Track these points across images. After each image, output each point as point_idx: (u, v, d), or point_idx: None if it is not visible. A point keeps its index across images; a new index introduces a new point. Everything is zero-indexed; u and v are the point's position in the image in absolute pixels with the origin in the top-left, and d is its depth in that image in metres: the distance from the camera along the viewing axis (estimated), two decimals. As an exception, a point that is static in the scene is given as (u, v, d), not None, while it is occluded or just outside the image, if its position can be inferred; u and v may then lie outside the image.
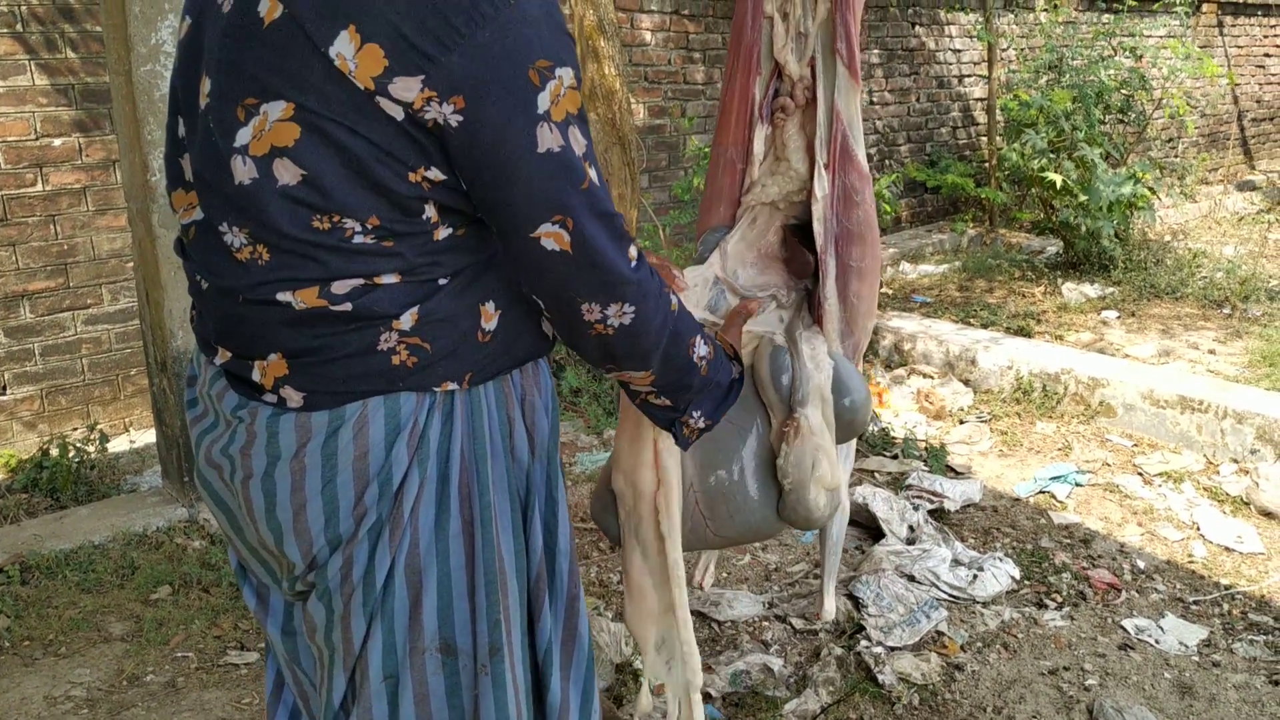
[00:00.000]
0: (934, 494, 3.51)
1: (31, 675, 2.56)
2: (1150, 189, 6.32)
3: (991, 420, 4.39)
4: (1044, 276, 6.44)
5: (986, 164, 7.95)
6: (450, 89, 1.07)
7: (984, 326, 5.32)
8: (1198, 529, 3.40)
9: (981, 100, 8.49)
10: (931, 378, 4.76)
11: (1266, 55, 11.60)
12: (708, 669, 2.59)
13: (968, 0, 7.84)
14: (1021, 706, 2.49)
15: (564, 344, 1.32)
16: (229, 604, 2.86)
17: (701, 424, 1.48)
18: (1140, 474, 3.83)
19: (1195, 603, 2.97)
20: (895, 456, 3.95)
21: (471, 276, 1.23)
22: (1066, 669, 2.63)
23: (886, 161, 7.89)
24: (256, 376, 1.23)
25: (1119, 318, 5.61)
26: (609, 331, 1.24)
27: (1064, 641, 2.75)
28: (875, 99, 7.71)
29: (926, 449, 3.97)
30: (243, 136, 1.13)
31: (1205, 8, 10.43)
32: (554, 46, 1.11)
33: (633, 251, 1.23)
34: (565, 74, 1.12)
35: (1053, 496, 3.65)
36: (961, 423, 4.38)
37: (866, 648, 2.64)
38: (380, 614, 1.25)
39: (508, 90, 1.08)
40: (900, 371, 4.90)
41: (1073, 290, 6.05)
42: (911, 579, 2.96)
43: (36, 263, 4.08)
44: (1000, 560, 3.09)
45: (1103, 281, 6.24)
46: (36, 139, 4.00)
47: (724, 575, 3.08)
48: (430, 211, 1.16)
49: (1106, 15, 8.72)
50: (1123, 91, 6.99)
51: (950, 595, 2.93)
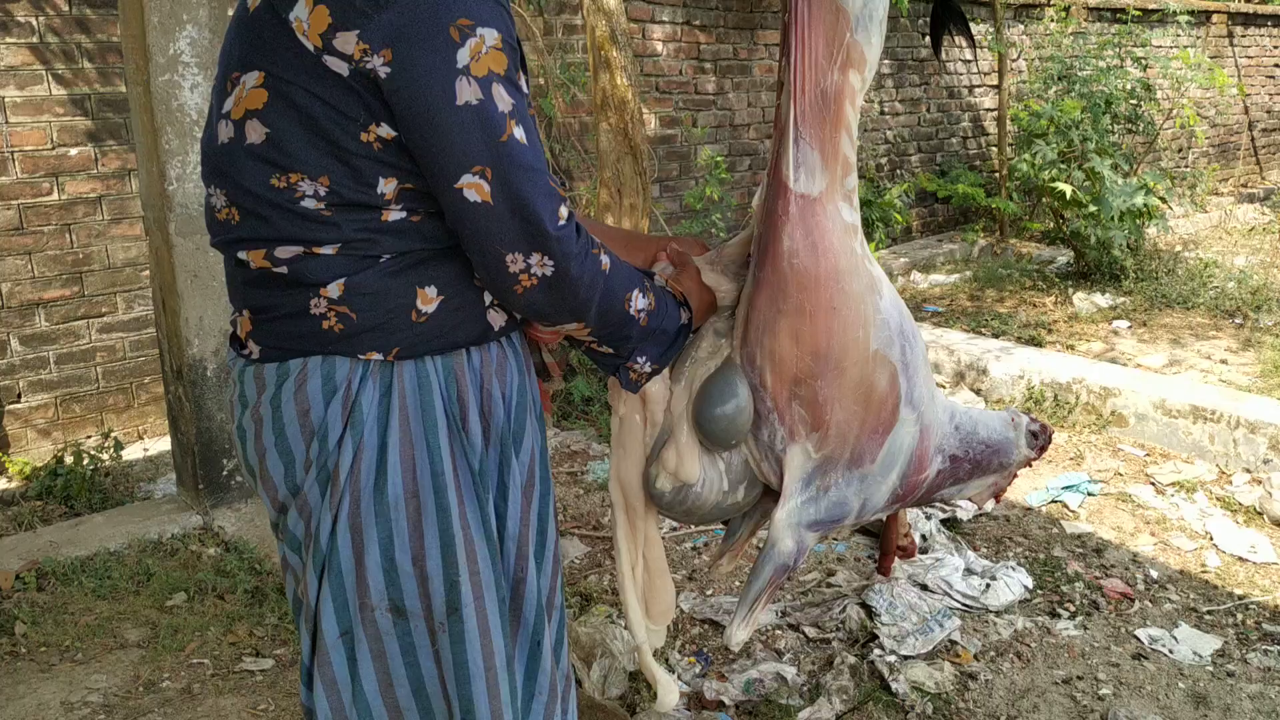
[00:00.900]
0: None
1: (48, 681, 2.57)
2: (1162, 199, 6.31)
3: (1003, 430, 4.38)
4: (1055, 286, 6.43)
5: (997, 174, 7.96)
6: (381, 42, 1.19)
7: (995, 336, 5.32)
8: (1211, 539, 3.39)
9: (992, 110, 8.50)
10: (943, 387, 4.76)
11: (1277, 66, 11.60)
12: (721, 677, 2.60)
13: (978, 11, 7.85)
14: (1035, 716, 2.48)
15: (496, 299, 1.38)
16: (244, 610, 2.87)
17: (648, 368, 1.56)
18: (1153, 484, 3.82)
19: (1209, 613, 2.96)
20: (907, 466, 3.94)
21: (416, 260, 1.31)
22: (1080, 679, 2.63)
23: (897, 171, 7.90)
24: (239, 331, 1.40)
25: (1130, 327, 5.61)
26: (533, 282, 1.30)
27: (1077, 651, 2.75)
28: (885, 109, 7.73)
29: (938, 458, 3.96)
30: (227, 105, 1.30)
31: (1215, 18, 10.44)
32: (477, 8, 1.21)
33: (563, 211, 1.30)
34: (488, 34, 1.22)
35: (1065, 506, 3.64)
36: (973, 432, 4.37)
37: (880, 656, 2.64)
38: (329, 569, 1.35)
39: (429, 45, 1.19)
40: (911, 381, 4.89)
41: (1084, 300, 6.05)
42: (924, 588, 2.96)
43: (52, 271, 4.10)
44: (1013, 569, 3.08)
45: (1114, 291, 6.23)
46: (53, 148, 4.03)
47: (736, 584, 3.09)
48: (385, 188, 1.26)
49: (1115, 26, 8.73)
50: (1131, 101, 7.00)
51: (963, 604, 2.93)
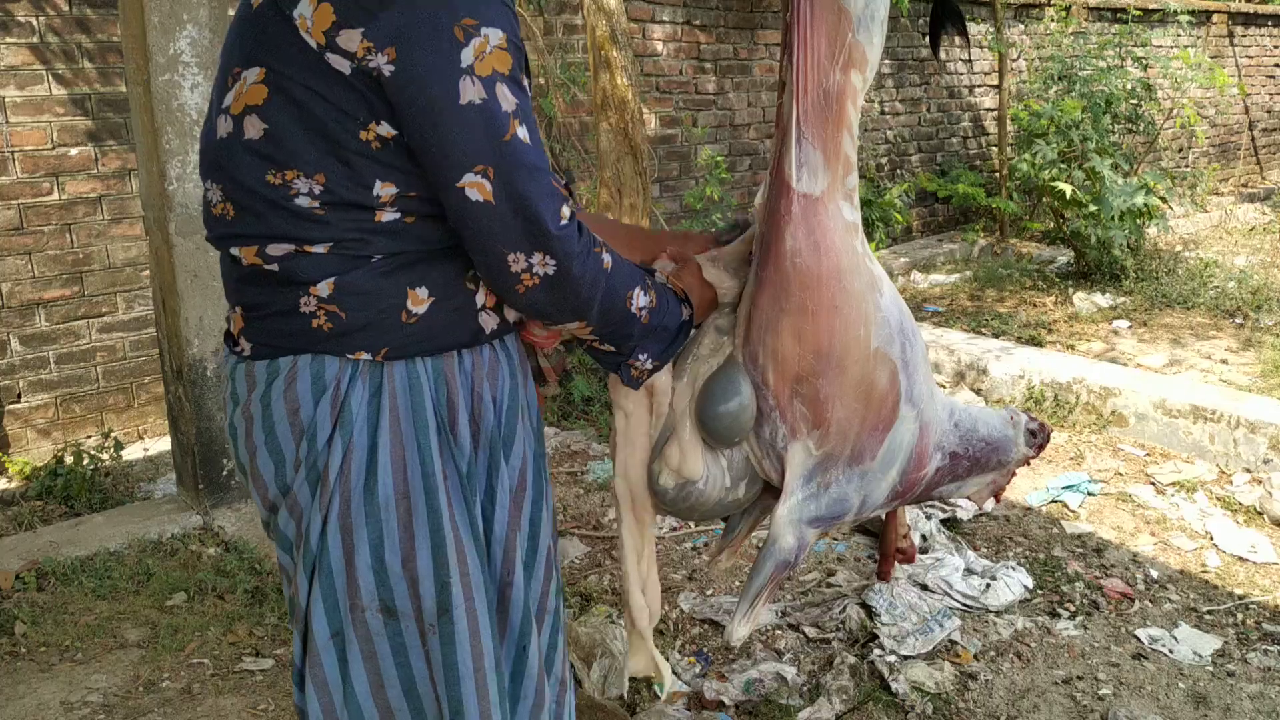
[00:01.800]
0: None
1: (48, 681, 2.58)
2: (1162, 198, 6.31)
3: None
4: (1055, 286, 6.43)
5: (997, 174, 7.95)
6: (385, 40, 1.19)
7: (995, 336, 5.32)
8: (1211, 539, 3.39)
9: (992, 110, 8.50)
10: (943, 387, 4.76)
11: (1277, 65, 11.59)
12: (721, 677, 2.60)
13: (978, 11, 7.85)
14: (1035, 716, 2.48)
15: (498, 298, 1.37)
16: (244, 610, 2.87)
17: (649, 365, 1.54)
18: (1153, 483, 3.82)
19: (1209, 613, 2.96)
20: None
21: (408, 261, 1.30)
22: (1080, 678, 2.63)
23: (898, 171, 7.90)
24: (232, 328, 1.40)
25: (1130, 327, 5.60)
26: (535, 282, 1.30)
27: (1077, 651, 2.75)
28: (886, 109, 7.73)
29: (938, 458, 3.96)
30: (227, 99, 1.30)
31: (1215, 18, 10.43)
32: (481, 8, 1.21)
33: (565, 211, 1.29)
34: (492, 34, 1.21)
35: (1065, 506, 3.64)
36: (973, 432, 4.37)
37: (880, 656, 2.64)
38: (319, 570, 1.33)
39: (433, 44, 1.19)
40: (911, 381, 4.89)
41: (1084, 300, 6.05)
42: (924, 588, 2.96)
43: (52, 271, 4.10)
44: (1013, 569, 3.08)
45: (1114, 291, 6.23)
46: (53, 148, 4.03)
47: (736, 584, 3.09)
48: (381, 190, 1.25)
49: (1115, 25, 8.73)
50: (1131, 101, 7.00)
51: (963, 604, 2.93)
